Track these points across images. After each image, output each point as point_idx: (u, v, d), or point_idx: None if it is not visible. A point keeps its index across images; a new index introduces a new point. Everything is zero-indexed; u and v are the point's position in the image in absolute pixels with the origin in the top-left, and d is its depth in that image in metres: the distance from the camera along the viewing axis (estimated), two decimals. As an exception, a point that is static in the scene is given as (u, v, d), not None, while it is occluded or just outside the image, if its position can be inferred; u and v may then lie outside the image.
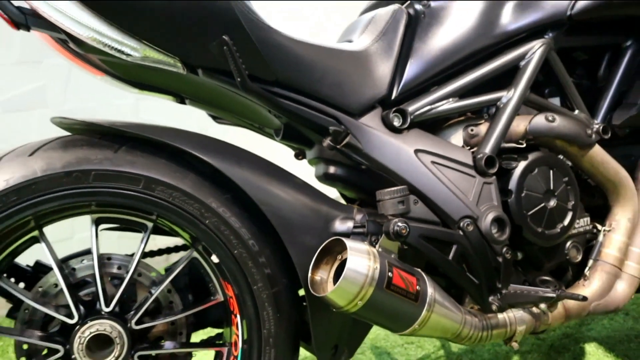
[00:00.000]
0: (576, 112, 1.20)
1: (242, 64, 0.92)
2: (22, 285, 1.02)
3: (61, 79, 1.97)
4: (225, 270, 0.99)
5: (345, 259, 0.93)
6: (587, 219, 1.22)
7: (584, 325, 1.62)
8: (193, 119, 1.44)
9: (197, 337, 1.09)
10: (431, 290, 0.97)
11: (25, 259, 1.04)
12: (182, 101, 1.12)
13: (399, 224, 0.96)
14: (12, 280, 1.00)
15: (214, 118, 1.23)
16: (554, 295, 1.08)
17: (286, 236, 0.96)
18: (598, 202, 1.26)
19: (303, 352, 1.08)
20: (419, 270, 0.99)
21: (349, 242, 0.91)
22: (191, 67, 0.94)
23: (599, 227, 1.22)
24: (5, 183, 0.86)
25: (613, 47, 1.24)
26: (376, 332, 1.64)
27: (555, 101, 1.25)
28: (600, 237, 1.21)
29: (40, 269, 1.04)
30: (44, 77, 1.93)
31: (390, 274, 0.92)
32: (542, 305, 1.12)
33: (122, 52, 0.91)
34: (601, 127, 1.18)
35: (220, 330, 1.12)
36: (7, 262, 0.99)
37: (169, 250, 1.17)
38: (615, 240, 1.20)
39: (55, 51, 1.06)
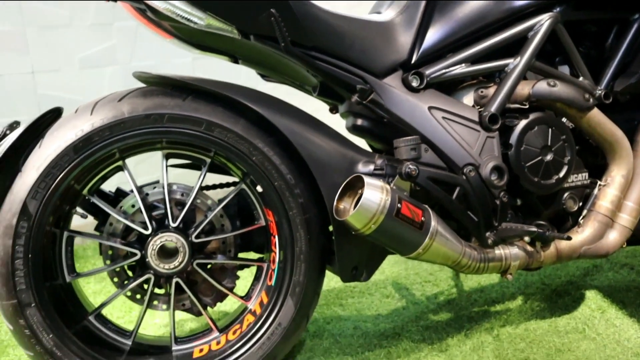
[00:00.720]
0: (580, 79, 1.34)
1: (286, 32, 1.13)
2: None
3: (129, 39, 2.24)
4: (267, 198, 1.22)
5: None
6: (586, 174, 1.38)
7: (588, 275, 1.78)
8: (242, 78, 1.67)
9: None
10: (434, 223, 1.18)
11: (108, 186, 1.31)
12: (235, 61, 1.34)
13: (410, 166, 1.17)
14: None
15: (262, 76, 1.46)
16: (536, 230, 1.26)
17: (317, 174, 1.18)
18: (601, 162, 1.41)
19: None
20: (426, 206, 1.19)
21: (366, 178, 1.13)
22: (244, 34, 1.16)
23: (597, 181, 1.37)
24: (100, 121, 1.12)
25: (621, 21, 1.37)
26: (398, 271, 1.86)
27: (565, 69, 1.40)
28: (596, 190, 1.37)
29: (120, 193, 1.31)
30: (114, 38, 2.21)
31: (399, 205, 1.13)
32: (536, 244, 1.31)
33: (190, 21, 1.14)
34: (603, 93, 1.33)
35: (261, 255, 1.36)
36: (97, 186, 1.26)
37: (221, 186, 1.42)
38: (609, 194, 1.36)
39: (133, 17, 1.30)
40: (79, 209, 1.26)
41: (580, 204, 1.38)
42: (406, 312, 1.62)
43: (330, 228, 1.25)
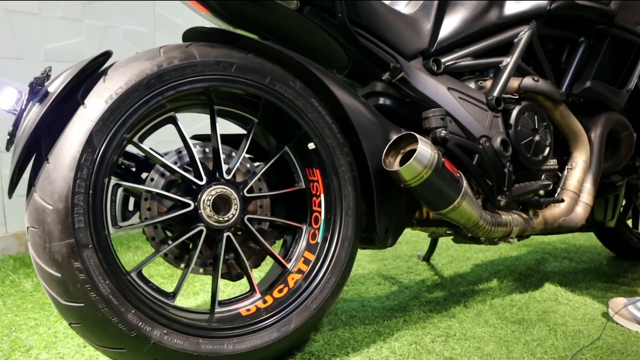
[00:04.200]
0: (548, 81, 1.65)
1: (344, 5, 1.26)
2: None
3: (97, 38, 2.16)
4: (316, 157, 1.28)
5: (408, 151, 1.28)
6: (556, 161, 1.66)
7: (541, 264, 2.05)
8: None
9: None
10: (465, 183, 1.33)
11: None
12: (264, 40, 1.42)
13: (444, 131, 1.33)
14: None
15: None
16: (550, 183, 1.48)
17: (362, 136, 1.28)
18: (561, 155, 1.70)
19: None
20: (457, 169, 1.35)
21: (418, 136, 1.26)
22: (302, 5, 1.26)
23: (565, 167, 1.66)
24: (173, 61, 1.11)
25: (571, 41, 1.73)
26: (377, 267, 1.96)
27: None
28: (565, 172, 1.65)
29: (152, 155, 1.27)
30: (83, 34, 2.12)
31: (443, 159, 1.27)
32: (529, 212, 1.52)
33: (255, -17, 1.22)
34: (565, 94, 1.64)
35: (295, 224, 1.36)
36: (145, 137, 1.21)
37: (256, 159, 1.43)
38: (575, 175, 1.64)
39: None
40: (123, 160, 1.20)
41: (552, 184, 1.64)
42: (403, 293, 1.71)
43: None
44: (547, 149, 1.57)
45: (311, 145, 1.27)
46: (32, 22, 2.03)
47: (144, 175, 1.26)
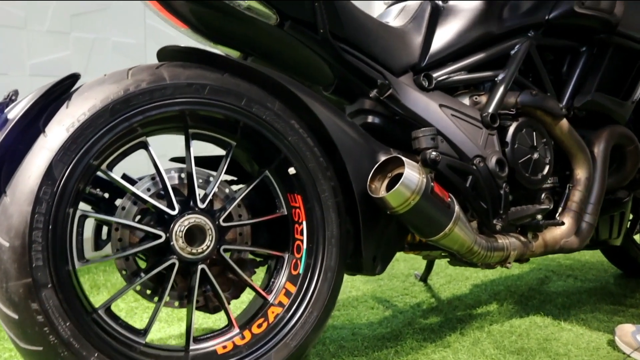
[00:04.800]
0: (548, 95, 1.57)
1: (326, 19, 1.19)
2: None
3: (85, 51, 2.11)
4: (297, 182, 1.20)
5: (395, 175, 1.21)
6: (556, 179, 1.57)
7: (544, 284, 1.95)
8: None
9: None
10: (457, 208, 1.25)
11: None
12: (245, 57, 1.35)
13: (434, 152, 1.25)
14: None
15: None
16: (548, 207, 1.39)
17: (347, 158, 1.21)
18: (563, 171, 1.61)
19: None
20: (449, 193, 1.27)
21: (405, 159, 1.18)
22: (282, 20, 1.19)
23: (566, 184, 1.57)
24: (141, 84, 1.05)
25: (572, 51, 1.64)
26: (372, 288, 1.88)
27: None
28: (567, 191, 1.56)
29: (128, 180, 1.20)
30: (70, 48, 2.06)
31: (432, 184, 1.19)
32: (528, 235, 1.44)
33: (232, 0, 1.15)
34: (565, 108, 1.56)
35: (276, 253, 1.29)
36: (114, 164, 1.14)
37: (236, 182, 1.36)
38: (576, 193, 1.55)
39: (146, 4, 1.26)
40: (91, 189, 1.13)
41: (552, 204, 1.56)
42: (396, 319, 1.63)
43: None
44: (547, 167, 1.48)
45: (292, 170, 1.20)
46: (18, 36, 1.98)
47: (118, 201, 1.19)
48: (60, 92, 1.06)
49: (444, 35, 1.46)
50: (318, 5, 1.18)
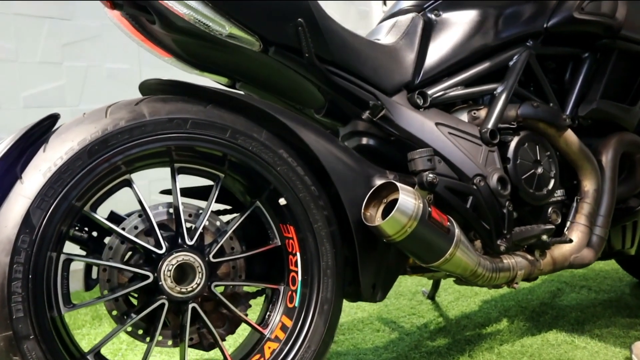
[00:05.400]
0: (551, 104, 1.50)
1: (311, 43, 1.15)
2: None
3: (79, 80, 2.09)
4: (289, 213, 1.16)
5: (390, 201, 1.16)
6: (563, 191, 1.51)
7: (556, 297, 1.89)
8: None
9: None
10: (458, 231, 1.20)
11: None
12: (233, 84, 1.32)
13: (430, 175, 1.20)
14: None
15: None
16: (553, 226, 1.33)
17: (340, 185, 1.16)
18: (570, 182, 1.55)
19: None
20: (448, 216, 1.22)
21: (399, 184, 1.13)
22: (265, 46, 1.15)
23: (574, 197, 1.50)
24: (118, 123, 1.01)
25: (575, 58, 1.58)
26: (379, 308, 1.83)
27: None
28: (574, 204, 1.50)
29: (115, 218, 1.17)
30: (64, 78, 2.05)
31: (429, 209, 1.14)
32: (535, 254, 1.37)
33: (210, 29, 1.11)
34: (569, 118, 1.49)
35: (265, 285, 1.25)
36: (97, 205, 1.11)
37: (230, 211, 1.32)
38: (585, 206, 1.49)
39: (128, 34, 1.24)
40: (75, 232, 1.10)
41: (560, 218, 1.49)
42: (402, 342, 1.57)
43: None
44: (552, 181, 1.42)
45: (282, 201, 1.16)
46: (10, 68, 1.98)
47: (107, 239, 1.16)
48: (40, 134, 1.03)
49: (438, 50, 1.40)
50: (302, 29, 1.14)
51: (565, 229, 1.48)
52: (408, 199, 1.12)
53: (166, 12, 1.09)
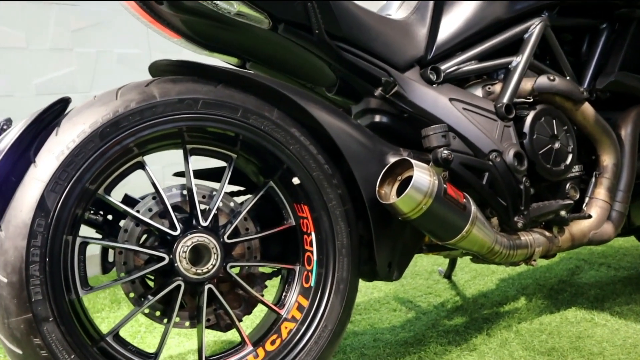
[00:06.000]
0: (567, 78, 1.47)
1: (321, 19, 1.13)
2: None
3: (90, 66, 2.09)
4: (302, 192, 1.15)
5: (405, 178, 1.14)
6: (581, 166, 1.48)
7: (574, 275, 1.86)
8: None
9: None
10: (474, 208, 1.18)
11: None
12: (243, 64, 1.30)
13: (445, 151, 1.18)
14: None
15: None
16: (572, 202, 1.31)
17: (353, 163, 1.15)
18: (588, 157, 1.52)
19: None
20: (464, 192, 1.20)
21: (414, 161, 1.12)
22: (274, 24, 1.13)
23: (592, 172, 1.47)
24: (129, 105, 1.01)
25: (592, 29, 1.54)
26: (395, 288, 1.82)
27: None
28: (593, 179, 1.47)
29: (128, 201, 1.17)
30: (74, 64, 2.05)
31: (444, 186, 1.12)
32: (553, 230, 1.35)
33: (219, 7, 1.09)
34: (587, 91, 1.46)
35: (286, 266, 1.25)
36: (111, 187, 1.11)
37: (244, 192, 1.32)
38: (605, 181, 1.46)
39: (137, 16, 1.22)
40: (91, 215, 1.10)
41: (578, 194, 1.46)
42: (419, 321, 1.57)
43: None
44: (570, 156, 1.39)
45: (296, 180, 1.15)
46: (21, 56, 1.98)
47: (122, 222, 1.17)
48: (52, 118, 1.03)
49: (451, 24, 1.37)
50: (311, 5, 1.12)
51: (584, 204, 1.46)
52: (423, 176, 1.10)
53: (171, -5, 1.08)
